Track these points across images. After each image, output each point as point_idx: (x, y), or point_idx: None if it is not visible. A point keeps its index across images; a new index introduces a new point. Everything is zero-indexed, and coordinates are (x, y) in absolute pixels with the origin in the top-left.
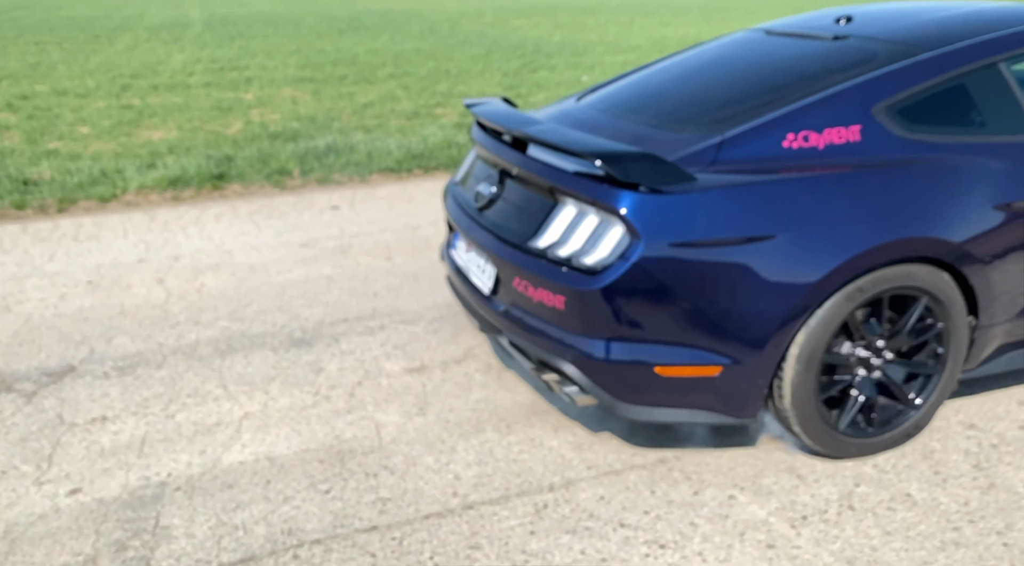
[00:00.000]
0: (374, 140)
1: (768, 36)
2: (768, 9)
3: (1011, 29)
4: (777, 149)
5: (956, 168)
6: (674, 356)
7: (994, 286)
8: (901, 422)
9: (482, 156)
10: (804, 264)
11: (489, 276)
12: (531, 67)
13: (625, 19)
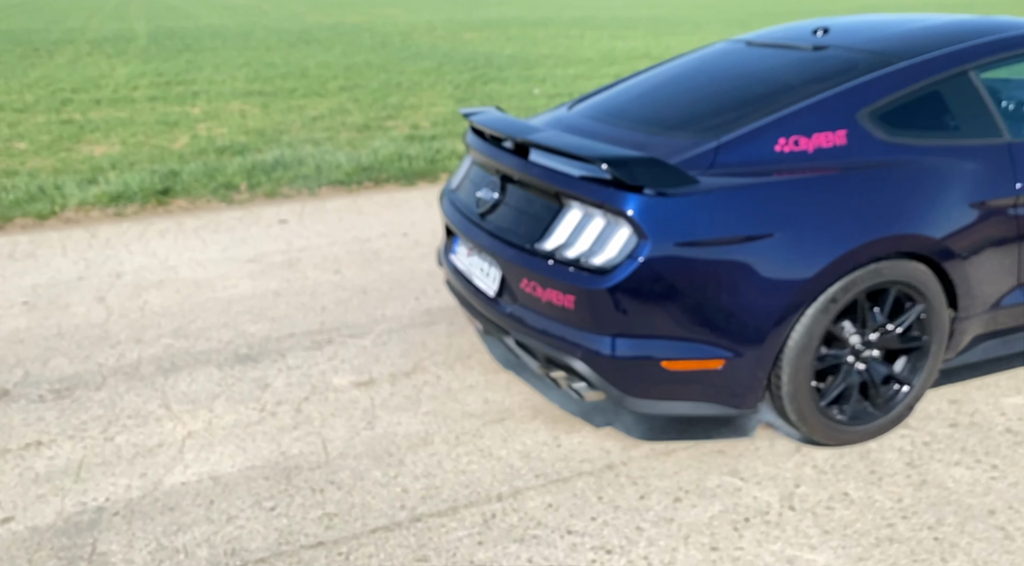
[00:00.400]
0: (323, 153)
1: (749, 47)
2: (716, 23)
3: (978, 40)
4: (770, 153)
5: (934, 169)
6: (680, 351)
7: (971, 280)
8: (889, 409)
9: (480, 162)
10: (800, 261)
11: (494, 279)
12: (483, 80)
13: (576, 33)
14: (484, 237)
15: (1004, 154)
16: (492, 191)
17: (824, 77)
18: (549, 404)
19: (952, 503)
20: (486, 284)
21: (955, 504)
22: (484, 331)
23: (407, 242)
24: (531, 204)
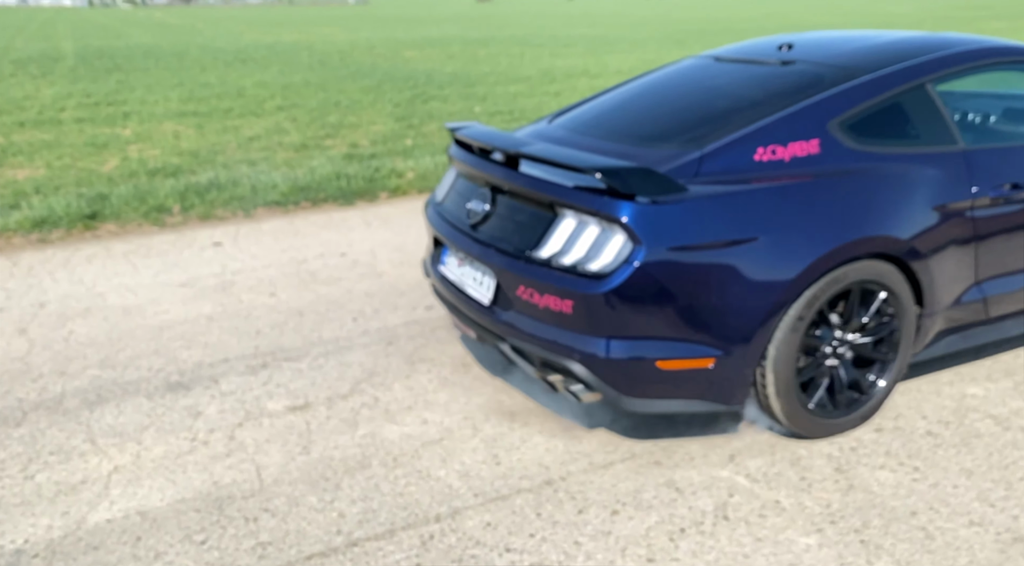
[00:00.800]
0: (259, 174)
1: (718, 62)
2: (652, 42)
3: (932, 55)
4: (750, 162)
5: (899, 175)
6: (673, 350)
7: (935, 278)
8: (864, 402)
9: (467, 174)
10: (782, 262)
11: (488, 287)
12: (423, 98)
13: (516, 51)
14: (477, 247)
15: (960, 161)
16: (483, 202)
17: (795, 90)
18: (488, 423)
19: (877, 506)
20: (480, 293)
21: (880, 507)
22: (478, 339)
23: (345, 262)
24: (524, 214)
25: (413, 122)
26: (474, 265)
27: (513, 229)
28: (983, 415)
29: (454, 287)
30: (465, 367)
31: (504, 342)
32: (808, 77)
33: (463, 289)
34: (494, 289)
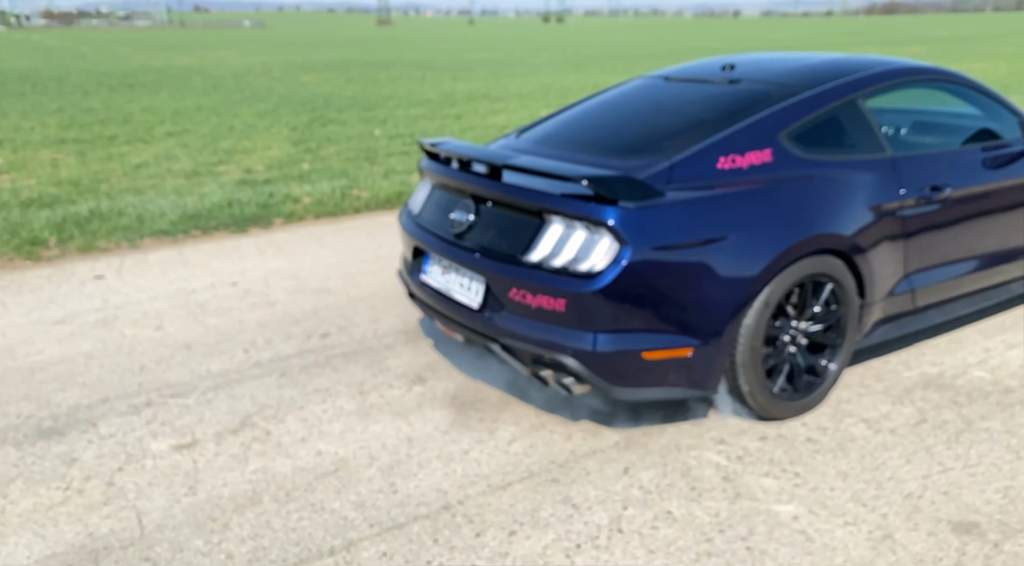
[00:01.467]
0: (146, 202)
1: (668, 82)
2: (550, 66)
3: (860, 74)
4: (713, 170)
5: (841, 179)
6: (657, 342)
7: (874, 271)
8: (816, 384)
9: (446, 186)
10: (748, 259)
11: (477, 292)
12: (321, 121)
13: (417, 74)
14: (464, 255)
15: (889, 166)
16: (467, 212)
17: (746, 105)
18: (385, 451)
19: (762, 513)
20: (468, 298)
21: (764, 514)
22: (465, 341)
23: (236, 292)
24: (511, 221)
25: (311, 146)
26: (461, 272)
27: (501, 236)
28: (857, 419)
29: (439, 294)
30: (362, 395)
31: (495, 343)
32: (755, 94)
33: (450, 295)
34: (483, 293)
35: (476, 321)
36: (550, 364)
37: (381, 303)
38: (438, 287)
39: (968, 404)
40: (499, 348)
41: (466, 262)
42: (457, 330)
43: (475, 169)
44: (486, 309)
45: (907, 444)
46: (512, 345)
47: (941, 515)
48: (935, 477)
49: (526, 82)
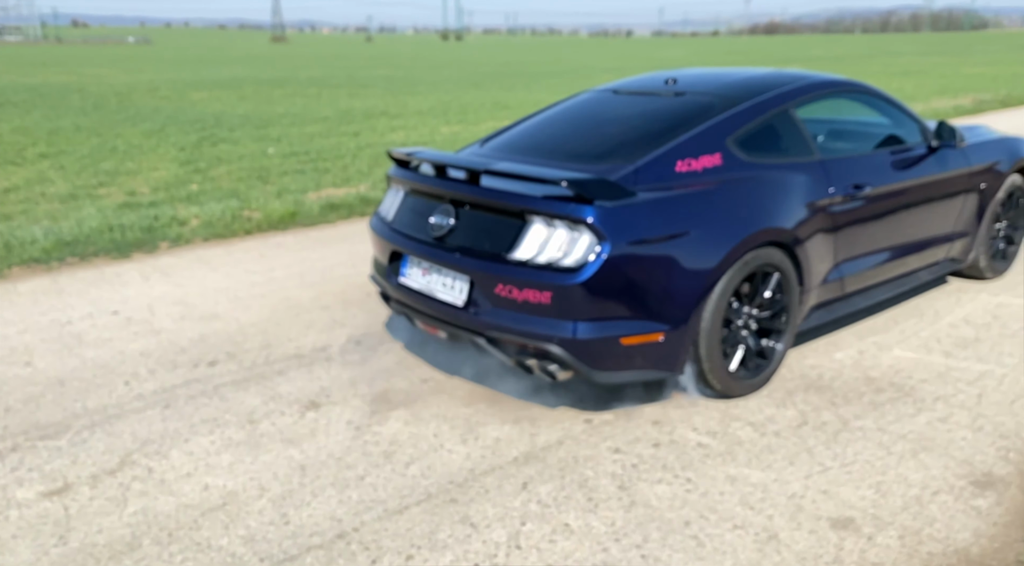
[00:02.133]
0: (15, 229)
1: (617, 95)
2: (451, 84)
3: (790, 86)
4: (672, 173)
5: (782, 180)
6: (633, 328)
7: (811, 260)
8: (765, 364)
9: (422, 192)
10: (708, 251)
11: (461, 290)
12: (212, 141)
13: (313, 92)
14: (447, 256)
15: (819, 168)
16: (446, 216)
17: (695, 115)
18: (276, 481)
19: (656, 519)
20: (452, 296)
21: (658, 520)
22: (449, 338)
23: (117, 321)
24: (492, 223)
25: (200, 166)
26: (443, 272)
27: (484, 237)
28: (744, 423)
29: (420, 294)
30: (252, 424)
31: (480, 337)
32: (701, 105)
33: (432, 295)
34: (468, 291)
35: (461, 318)
36: (536, 353)
37: (273, 328)
38: (419, 288)
39: (844, 404)
40: (484, 341)
41: (449, 263)
42: (440, 327)
43: (452, 175)
44: (471, 306)
45: (790, 446)
46: (498, 337)
47: (821, 513)
48: (815, 477)
49: (425, 99)
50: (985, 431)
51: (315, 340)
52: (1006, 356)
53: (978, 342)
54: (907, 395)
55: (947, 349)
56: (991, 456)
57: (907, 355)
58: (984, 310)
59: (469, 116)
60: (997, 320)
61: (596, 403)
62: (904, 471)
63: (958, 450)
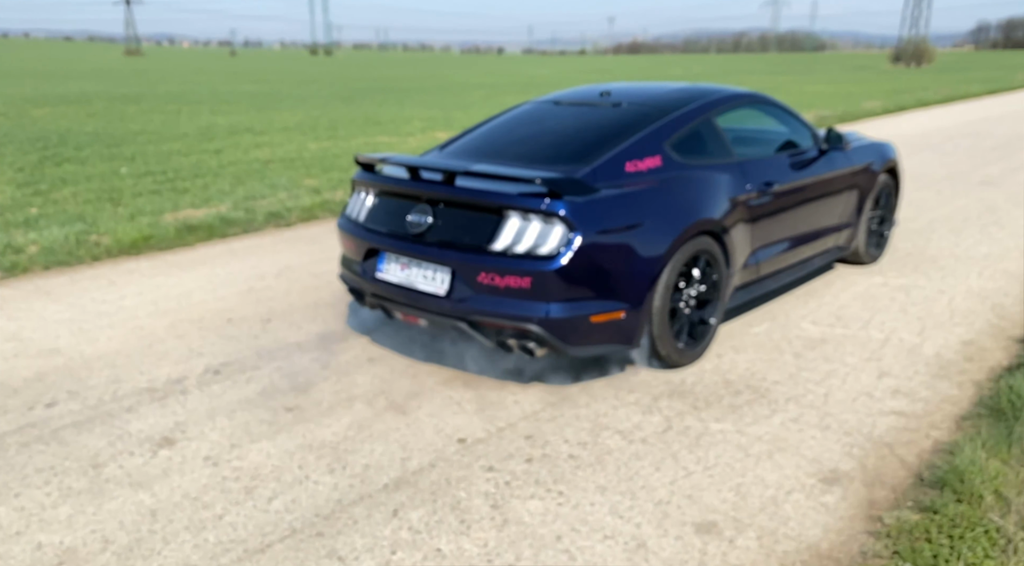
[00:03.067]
0: None
1: (559, 106)
2: (320, 100)
3: (711, 97)
4: (623, 172)
5: (710, 178)
6: (600, 307)
7: (735, 247)
8: (703, 337)
9: (394, 193)
10: (658, 239)
11: (442, 281)
12: (55, 160)
13: (172, 108)
14: (427, 250)
15: (737, 168)
16: (423, 215)
17: (635, 123)
18: (123, 530)
19: (529, 536)
20: (434, 287)
21: (531, 537)
22: (429, 325)
23: None
24: (470, 219)
25: (41, 188)
26: (423, 265)
27: (463, 231)
28: (613, 432)
29: (399, 287)
30: (96, 469)
31: (462, 322)
32: (639, 114)
33: (412, 287)
34: (449, 281)
35: (444, 306)
36: (516, 333)
37: (122, 360)
38: (398, 282)
39: (705, 408)
40: (466, 326)
41: (429, 256)
42: (421, 316)
43: (427, 177)
44: (453, 294)
45: (656, 452)
46: (480, 321)
47: (686, 518)
48: (680, 482)
49: (293, 115)
50: (832, 429)
51: (170, 372)
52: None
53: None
54: (762, 397)
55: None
56: (837, 453)
57: (758, 357)
58: (1013, 200)
59: (339, 132)
60: (1019, 204)
61: (468, 426)
62: (761, 472)
63: (808, 449)
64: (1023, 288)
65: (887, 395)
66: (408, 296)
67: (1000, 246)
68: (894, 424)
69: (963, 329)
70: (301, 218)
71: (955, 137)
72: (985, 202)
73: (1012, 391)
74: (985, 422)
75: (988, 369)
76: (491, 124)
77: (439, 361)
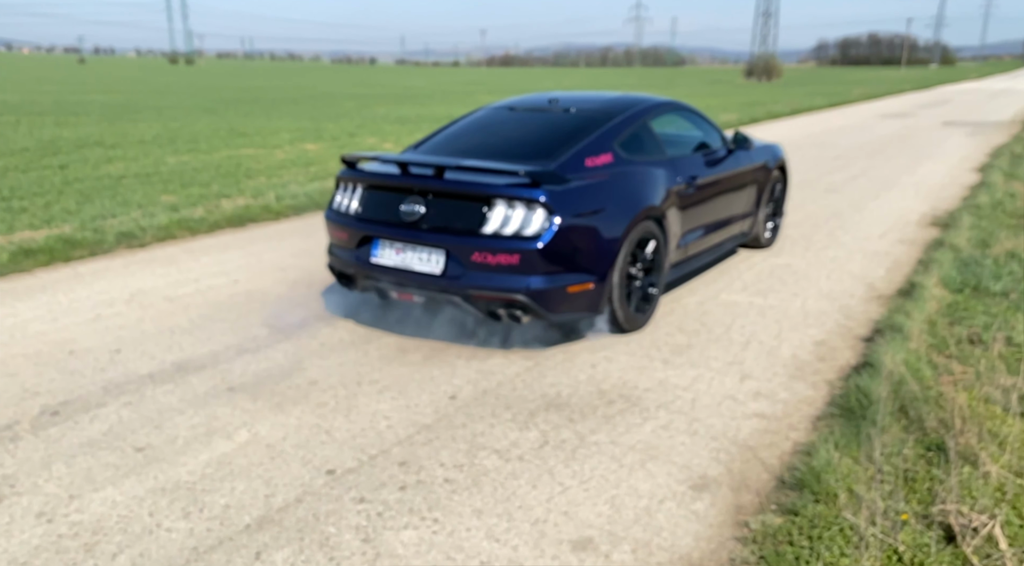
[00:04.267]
0: None
1: (514, 111)
2: (181, 110)
3: (645, 104)
4: (583, 167)
5: (651, 172)
6: (574, 279)
7: (671, 230)
8: (649, 305)
9: (383, 187)
10: (616, 222)
11: (437, 262)
12: None
13: (9, 119)
14: (423, 235)
15: (669, 164)
16: (416, 205)
17: (587, 125)
18: None
19: None
20: (430, 267)
21: None
22: (425, 302)
23: None
24: (460, 207)
25: None
26: (418, 249)
27: (455, 218)
28: (490, 451)
29: (395, 270)
30: None
31: (456, 296)
32: (589, 118)
33: (408, 268)
34: (444, 262)
35: (439, 283)
36: (505, 303)
37: None
38: (393, 264)
39: (581, 420)
40: (460, 299)
41: (424, 241)
42: (416, 294)
43: (416, 172)
44: (448, 272)
45: (533, 469)
46: (473, 294)
47: (563, 536)
48: (556, 498)
49: (149, 127)
50: (700, 434)
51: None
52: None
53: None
54: (634, 405)
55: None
56: (705, 459)
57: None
58: (854, 206)
59: (201, 145)
60: (860, 211)
61: (332, 455)
62: (635, 482)
63: (679, 455)
64: (866, 289)
65: (749, 398)
66: (404, 277)
67: (844, 250)
68: (757, 427)
69: (816, 330)
70: (157, 238)
71: (803, 147)
72: (831, 208)
73: (859, 390)
74: (837, 422)
75: (839, 368)
76: (455, 127)
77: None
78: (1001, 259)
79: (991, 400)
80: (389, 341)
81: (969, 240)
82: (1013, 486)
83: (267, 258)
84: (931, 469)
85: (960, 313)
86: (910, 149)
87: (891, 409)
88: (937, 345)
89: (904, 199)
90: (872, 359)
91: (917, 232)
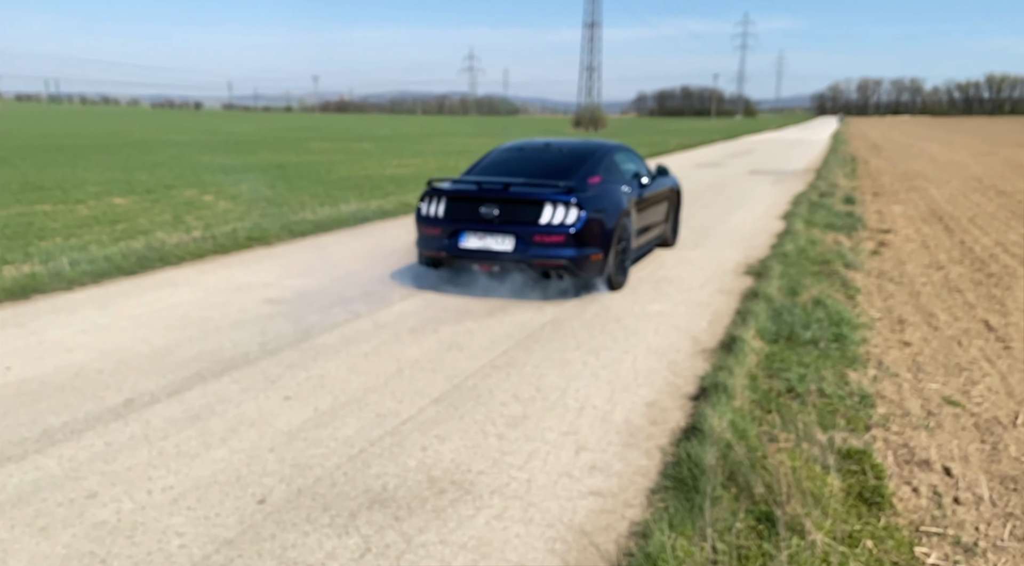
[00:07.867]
0: None
1: (523, 151)
2: (28, 162)
3: (609, 146)
4: (587, 184)
5: (620, 189)
6: (593, 251)
7: (632, 226)
8: (624, 275)
9: (463, 198)
10: (611, 218)
11: (509, 243)
12: None
13: None
14: (499, 227)
15: (627, 183)
16: (492, 209)
17: (580, 158)
18: None
19: None
20: (503, 246)
21: None
22: (500, 270)
23: None
24: (522, 210)
25: None
26: (494, 236)
27: (519, 216)
28: None
29: (478, 251)
30: None
31: (521, 263)
32: (579, 154)
33: (488, 249)
34: (514, 243)
35: (511, 256)
36: (555, 267)
37: None
38: (476, 247)
39: (408, 517)
40: (525, 265)
41: (499, 231)
42: (494, 264)
43: (488, 187)
44: (516, 250)
45: None
46: (533, 262)
47: None
48: None
49: (77, 171)
50: (535, 522)
51: None
52: None
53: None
54: (467, 493)
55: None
56: (541, 551)
57: None
58: (677, 258)
59: None
60: (681, 262)
61: None
62: None
63: (512, 551)
64: (691, 343)
65: (585, 473)
66: (485, 255)
67: (670, 302)
68: (593, 506)
69: (646, 389)
70: None
71: None
72: (656, 258)
73: (690, 459)
74: (671, 495)
75: (670, 432)
76: (486, 161)
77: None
78: (808, 307)
79: (811, 459)
80: (185, 435)
81: (780, 289)
82: (837, 555)
83: (50, 336)
84: (762, 543)
85: (777, 365)
86: (723, 198)
87: (720, 479)
88: (759, 400)
89: (720, 247)
90: (699, 422)
91: (734, 281)
